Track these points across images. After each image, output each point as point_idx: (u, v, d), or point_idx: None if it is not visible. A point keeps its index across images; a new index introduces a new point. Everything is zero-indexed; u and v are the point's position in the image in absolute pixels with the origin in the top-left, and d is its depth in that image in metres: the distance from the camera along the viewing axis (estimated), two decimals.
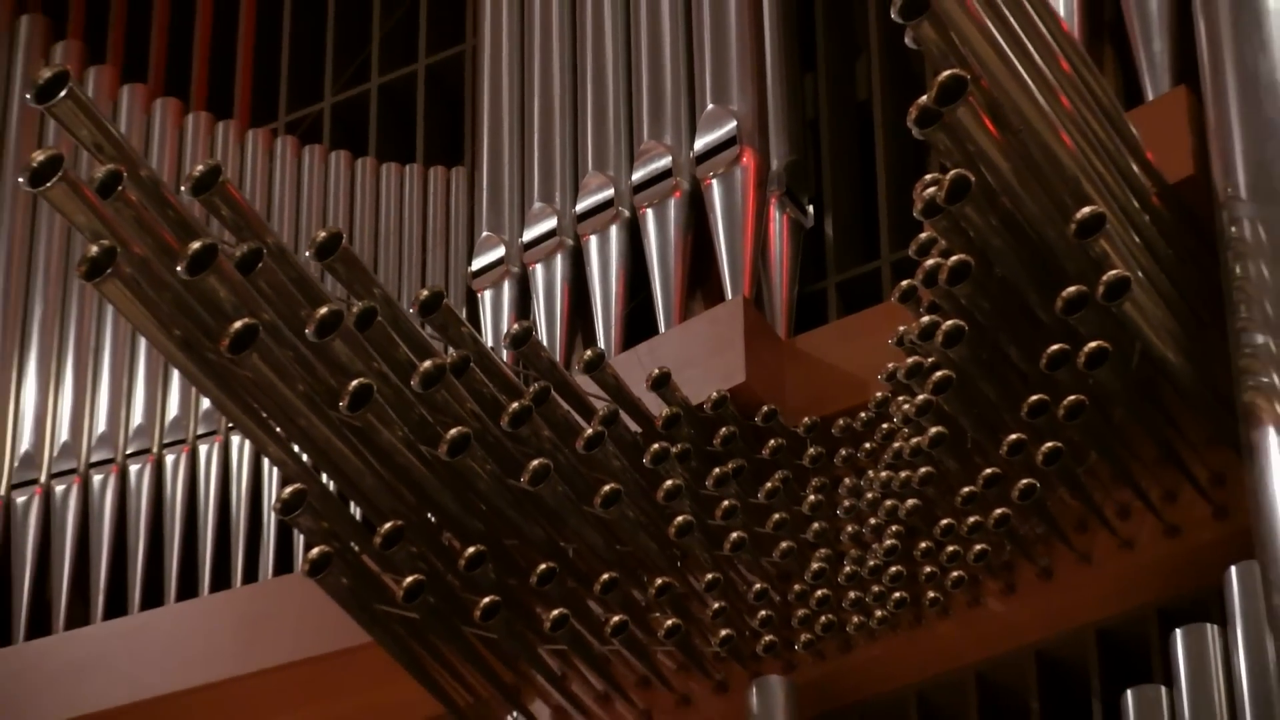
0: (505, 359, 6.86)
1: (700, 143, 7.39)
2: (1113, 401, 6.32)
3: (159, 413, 7.86)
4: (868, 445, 6.80)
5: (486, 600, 6.69)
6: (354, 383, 6.35)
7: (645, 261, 7.34)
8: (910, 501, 6.63)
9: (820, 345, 7.06)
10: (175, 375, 7.78)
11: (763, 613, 6.79)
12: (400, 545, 6.63)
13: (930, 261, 6.31)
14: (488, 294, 7.51)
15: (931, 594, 6.67)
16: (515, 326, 6.95)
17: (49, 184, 6.07)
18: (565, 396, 6.79)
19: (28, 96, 6.55)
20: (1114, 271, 6.01)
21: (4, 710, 7.56)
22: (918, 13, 5.78)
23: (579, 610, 6.80)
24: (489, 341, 7.19)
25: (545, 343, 7.24)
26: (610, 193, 7.47)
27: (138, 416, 7.89)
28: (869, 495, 6.76)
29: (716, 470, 6.81)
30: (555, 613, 6.74)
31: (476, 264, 7.60)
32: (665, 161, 7.42)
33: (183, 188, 6.41)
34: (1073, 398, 6.26)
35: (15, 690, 7.59)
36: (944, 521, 6.60)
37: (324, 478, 6.66)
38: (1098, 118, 6.25)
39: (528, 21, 7.91)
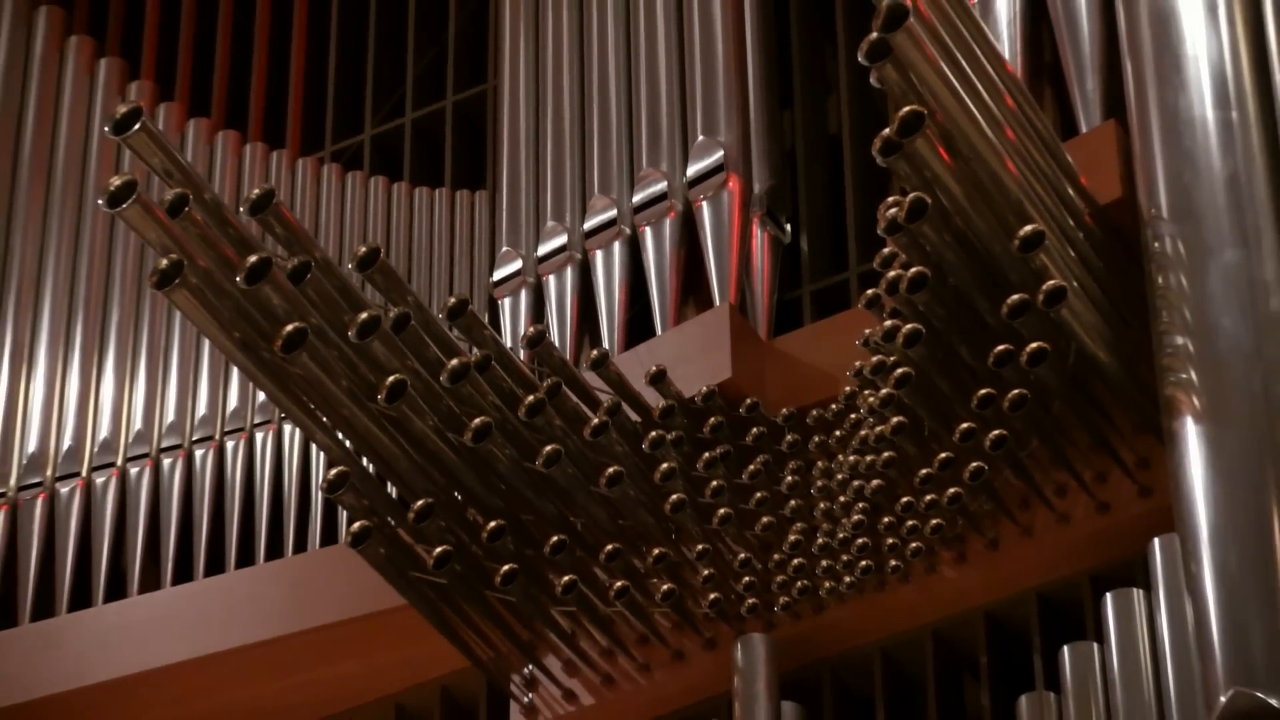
0: (522, 358, 6.86)
1: (692, 170, 7.40)
2: (1051, 395, 6.33)
3: (220, 405, 7.85)
4: (838, 433, 6.79)
5: (506, 568, 6.70)
6: (390, 378, 6.37)
7: (644, 273, 7.33)
8: (875, 482, 6.63)
9: (796, 346, 7.06)
10: (235, 372, 7.77)
11: (746, 579, 6.78)
12: (431, 520, 6.65)
13: (892, 273, 6.32)
14: (507, 301, 7.51)
15: (893, 562, 6.67)
16: (531, 329, 6.96)
17: (125, 205, 6.09)
18: (574, 390, 6.80)
19: (106, 129, 6.59)
20: (1052, 282, 6.03)
21: (88, 662, 7.56)
22: (881, 57, 5.80)
23: (586, 576, 6.80)
24: (508, 342, 7.19)
25: (557, 343, 7.24)
26: (613, 213, 7.46)
27: (202, 408, 7.87)
28: (839, 476, 6.76)
29: (706, 455, 6.81)
30: (565, 579, 6.76)
31: (497, 275, 7.59)
32: (661, 186, 7.42)
33: (241, 208, 6.41)
34: (1016, 391, 6.27)
35: (96, 644, 7.58)
36: (904, 499, 6.60)
37: (364, 461, 6.67)
38: (1038, 147, 6.27)
39: (541, 64, 7.89)
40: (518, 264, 7.57)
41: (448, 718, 7.44)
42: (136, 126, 6.16)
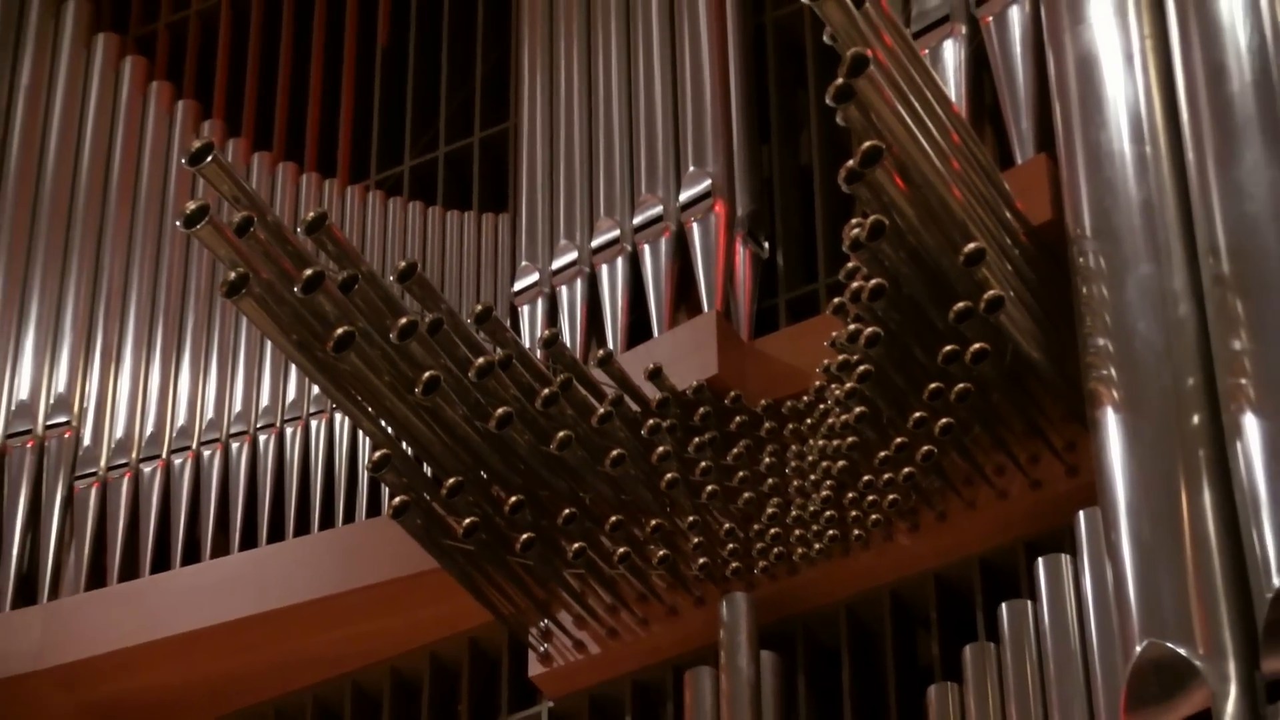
0: (539, 357, 6.85)
1: (684, 196, 7.39)
2: (991, 388, 6.34)
3: (280, 396, 7.85)
4: (809, 421, 6.79)
5: (524, 536, 6.72)
6: (426, 374, 6.38)
7: (643, 284, 7.33)
8: (840, 463, 6.63)
9: (773, 346, 7.05)
10: (293, 369, 7.75)
11: (730, 545, 6.79)
12: (460, 495, 6.65)
13: (855, 284, 6.34)
14: (526, 308, 7.51)
15: (856, 531, 6.67)
16: (546, 332, 6.95)
17: (199, 226, 6.11)
18: (583, 384, 6.80)
19: (183, 161, 6.59)
20: (992, 292, 6.04)
21: (167, 617, 7.55)
22: (846, 99, 5.81)
23: (593, 544, 6.80)
24: (527, 343, 7.19)
25: (568, 344, 7.22)
26: (616, 233, 7.46)
27: (264, 399, 7.86)
28: (809, 458, 6.76)
29: (696, 440, 6.82)
30: (575, 545, 6.77)
31: (517, 286, 7.59)
32: (658, 209, 7.42)
33: (298, 229, 6.43)
34: (961, 385, 6.28)
35: (174, 602, 7.58)
36: (865, 478, 6.61)
37: (403, 445, 6.68)
38: (979, 176, 6.27)
39: (555, 106, 7.89)
40: (535, 276, 7.57)
41: (475, 665, 7.42)
42: (209, 159, 6.19)
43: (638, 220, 7.44)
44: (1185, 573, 5.57)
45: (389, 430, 6.61)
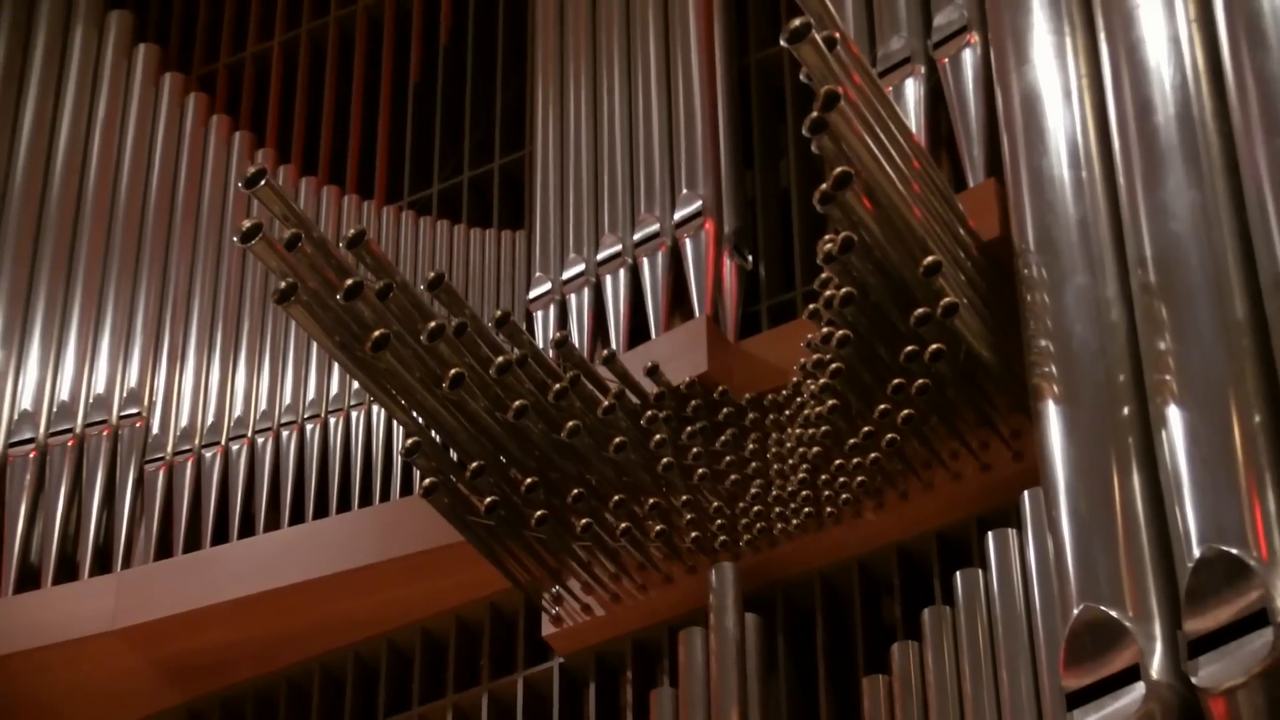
0: (551, 356, 6.86)
1: (678, 215, 7.39)
2: (947, 383, 6.33)
3: (325, 391, 7.85)
4: (787, 412, 6.78)
5: (538, 513, 6.72)
6: (452, 371, 6.39)
7: (642, 292, 7.32)
8: (815, 449, 6.62)
9: (756, 347, 7.04)
10: (335, 366, 7.75)
11: (719, 521, 6.78)
12: (482, 477, 6.66)
13: (828, 292, 6.33)
14: (539, 313, 7.50)
15: (829, 509, 6.66)
16: (557, 334, 6.97)
17: (253, 241, 6.12)
18: (590, 380, 6.80)
19: (240, 184, 6.60)
20: (948, 299, 6.04)
21: (226, 583, 7.55)
22: (820, 130, 5.81)
23: (599, 519, 6.80)
24: (540, 344, 7.19)
25: (577, 345, 7.23)
26: (619, 247, 7.46)
27: (310, 393, 7.86)
28: (788, 445, 6.75)
29: (688, 428, 6.82)
30: (583, 521, 6.77)
31: (532, 294, 7.59)
32: (655, 227, 7.42)
33: (340, 244, 6.44)
34: (921, 381, 6.28)
35: (232, 570, 7.58)
36: (837, 462, 6.60)
37: (432, 433, 6.69)
38: (937, 198, 6.27)
39: (565, 135, 7.89)
40: (548, 286, 7.57)
41: (495, 626, 7.42)
42: (262, 183, 6.21)
43: (637, 236, 7.43)
44: (1117, 545, 5.58)
45: (419, 420, 6.61)
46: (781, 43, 5.78)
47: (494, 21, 8.79)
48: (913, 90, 6.93)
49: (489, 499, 6.71)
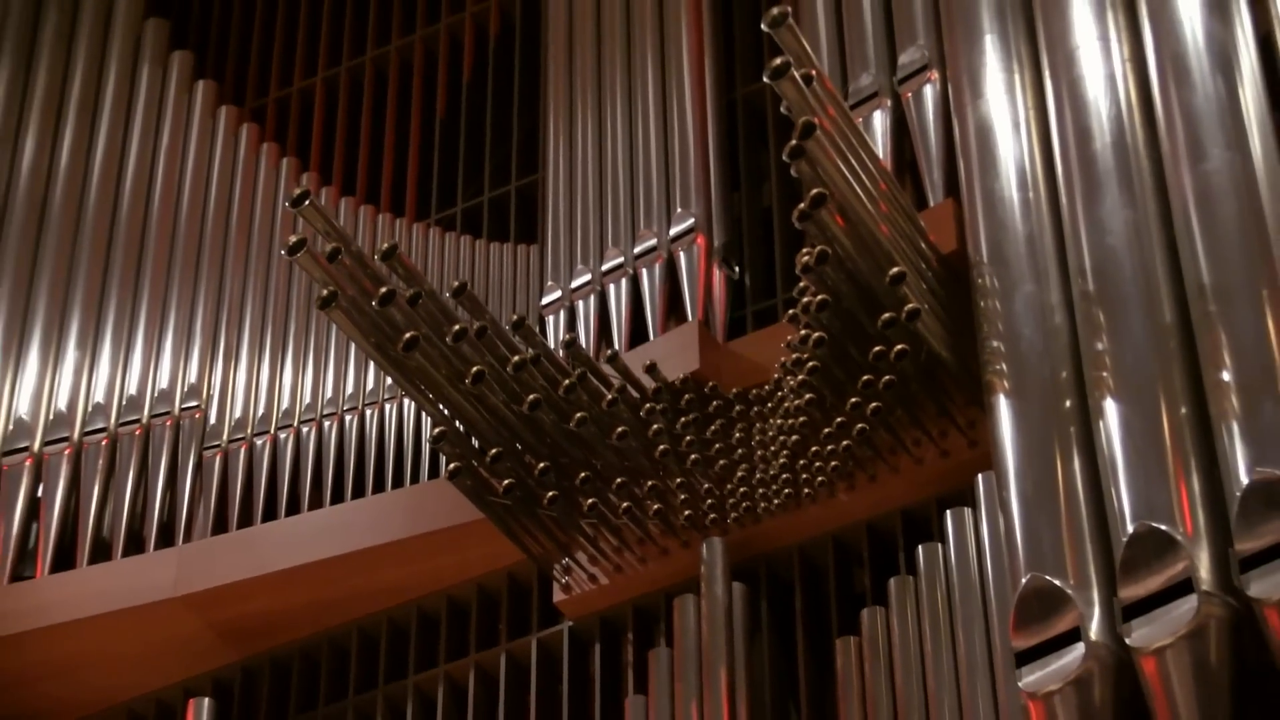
0: (561, 355, 6.86)
1: (673, 230, 7.37)
2: (911, 379, 6.33)
3: (362, 385, 7.84)
4: (769, 404, 6.78)
5: (550, 494, 6.72)
6: (473, 368, 6.39)
7: (641, 299, 7.31)
8: (794, 437, 6.62)
9: (742, 347, 7.03)
10: (370, 364, 7.75)
11: (709, 501, 6.78)
12: (501, 462, 6.65)
13: (805, 299, 6.33)
14: (551, 318, 7.50)
15: (806, 490, 6.66)
16: (566, 337, 6.99)
17: (298, 254, 6.13)
18: (596, 377, 6.79)
19: (287, 204, 6.61)
20: (911, 305, 6.04)
21: (274, 556, 7.54)
22: (798, 156, 5.82)
23: (603, 500, 6.80)
24: (552, 345, 7.18)
25: (584, 345, 7.23)
26: (621, 259, 7.45)
27: (349, 387, 7.85)
28: (770, 433, 6.74)
29: (682, 419, 6.81)
30: (589, 501, 6.77)
31: (544, 301, 7.57)
32: (653, 241, 7.41)
33: (376, 256, 6.44)
34: (888, 377, 6.28)
35: (280, 545, 7.56)
36: (813, 448, 6.60)
37: (456, 423, 6.69)
38: (901, 216, 6.27)
39: (573, 161, 7.87)
40: (558, 293, 7.56)
41: (511, 594, 7.41)
42: (307, 203, 6.21)
43: (637, 250, 7.42)
44: (1059, 521, 5.58)
45: (445, 412, 6.61)
46: (765, 79, 5.80)
47: (510, 62, 8.78)
48: (880, 121, 6.93)
49: (506, 481, 6.71)
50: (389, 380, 7.59)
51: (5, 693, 7.84)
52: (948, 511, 6.21)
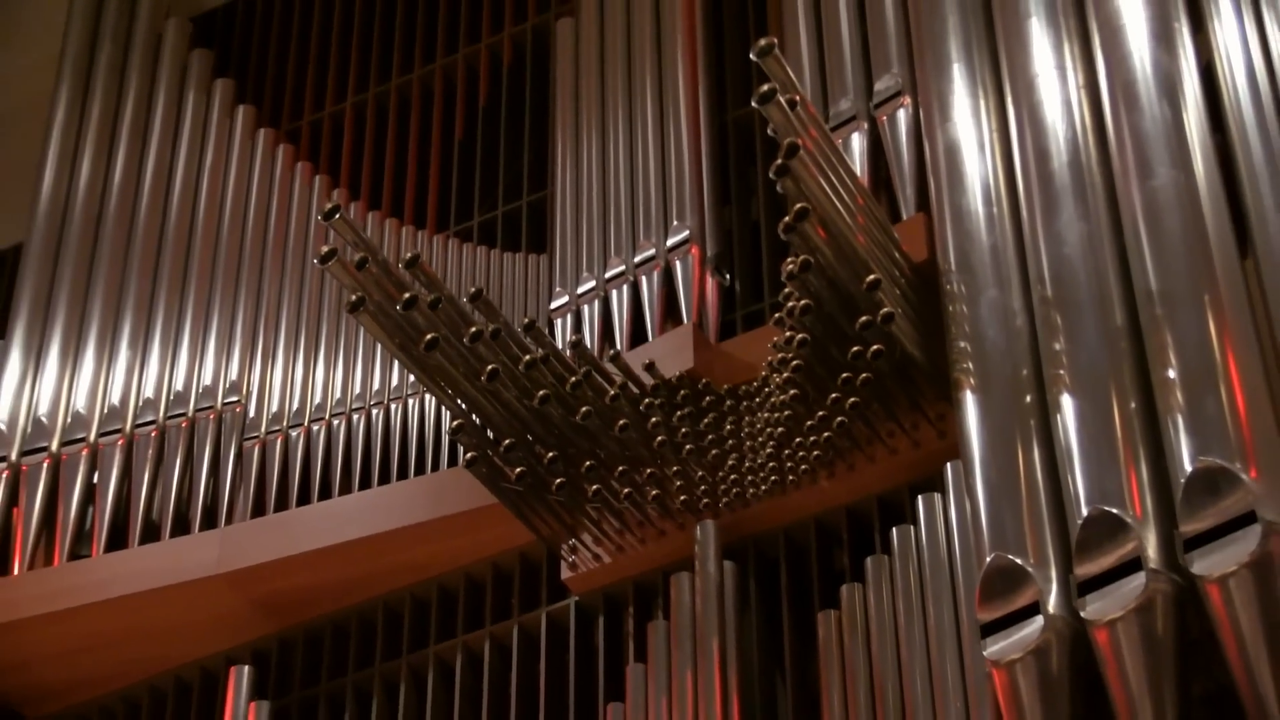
0: (568, 355, 6.85)
1: (670, 241, 7.36)
2: (885, 377, 6.32)
3: (387, 382, 7.83)
4: (757, 400, 6.77)
5: (558, 480, 6.72)
6: (489, 366, 6.39)
7: (641, 303, 7.30)
8: (780, 429, 6.61)
9: (733, 347, 7.03)
10: (395, 363, 7.74)
11: (702, 487, 6.77)
12: (513, 452, 6.65)
13: (790, 304, 6.33)
14: (559, 321, 7.48)
15: (791, 477, 6.65)
16: (573, 338, 6.98)
17: (330, 263, 6.13)
18: (599, 374, 6.79)
19: (319, 217, 6.61)
20: (886, 309, 6.04)
21: (309, 536, 7.53)
22: (784, 174, 5.82)
23: (607, 486, 6.79)
24: (559, 345, 7.18)
25: (589, 345, 7.22)
26: (623, 267, 7.44)
27: (376, 384, 7.84)
28: (758, 426, 6.74)
29: (678, 413, 6.80)
30: (593, 487, 6.77)
31: (553, 305, 7.55)
32: (651, 251, 7.39)
33: (400, 265, 6.44)
34: (865, 374, 6.28)
35: (314, 526, 7.55)
36: (797, 439, 6.59)
37: (473, 417, 6.69)
38: (877, 228, 6.27)
39: (580, 177, 7.86)
40: (565, 298, 7.55)
41: (523, 571, 7.40)
42: (337, 216, 6.20)
43: (637, 259, 7.42)
44: (1020, 505, 5.59)
45: (463, 406, 6.61)
46: (753, 104, 5.79)
47: (522, 88, 8.78)
48: (858, 142, 6.93)
49: (518, 469, 6.70)
50: (411, 377, 7.58)
51: (65, 660, 7.85)
52: (919, 497, 6.20)
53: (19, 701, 8.04)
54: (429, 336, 6.25)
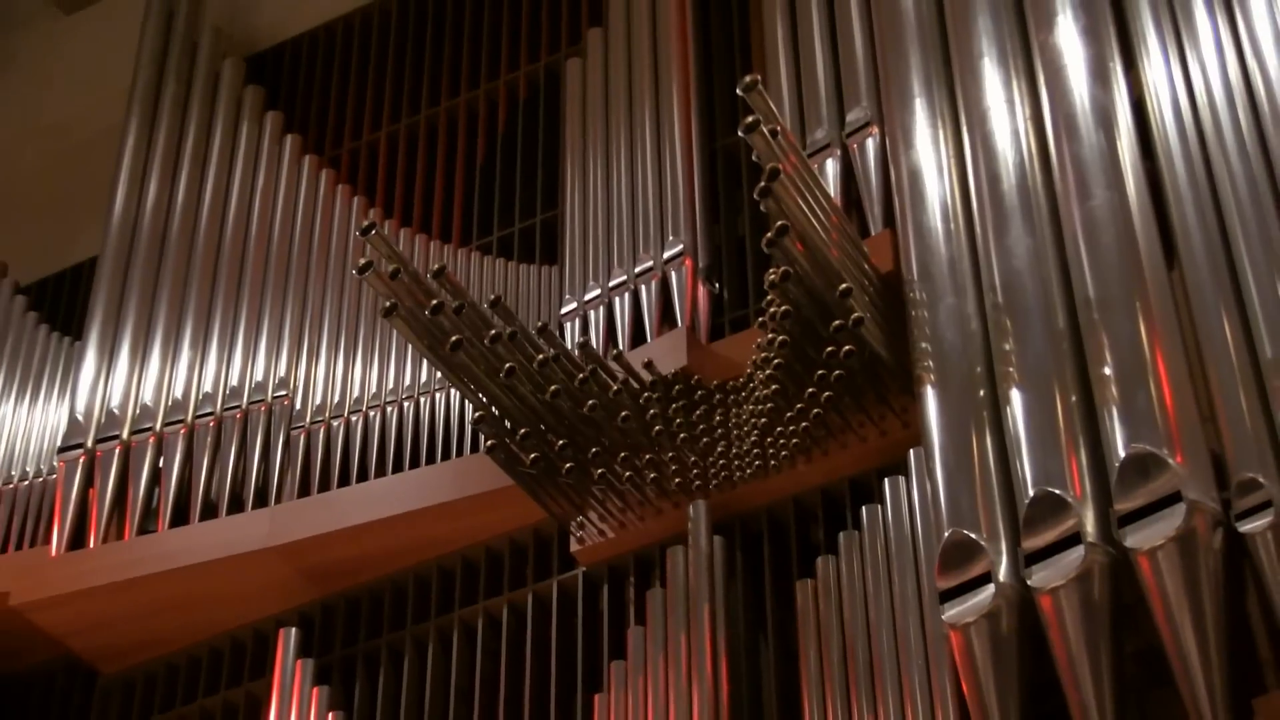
0: (577, 355, 6.85)
1: (666, 254, 7.33)
2: (856, 374, 6.32)
3: (417, 378, 7.82)
4: (743, 394, 6.76)
5: (567, 465, 6.72)
6: (506, 365, 6.39)
7: (640, 309, 7.28)
8: (763, 420, 6.61)
9: (722, 348, 7.01)
10: (424, 362, 7.72)
11: (695, 470, 6.76)
12: (528, 440, 6.65)
13: (772, 309, 6.33)
14: (568, 324, 7.47)
15: (772, 462, 6.64)
16: (581, 339, 6.97)
17: (366, 274, 6.13)
18: (604, 371, 6.79)
19: (357, 234, 6.60)
20: (856, 314, 6.05)
21: (350, 513, 7.51)
22: (767, 195, 5.83)
23: (610, 470, 6.79)
24: (569, 346, 7.16)
25: (595, 346, 7.21)
26: (625, 277, 7.42)
27: (407, 380, 7.83)
28: (743, 417, 6.73)
29: (673, 406, 6.80)
30: (599, 471, 6.76)
31: (563, 310, 7.53)
32: (650, 263, 7.37)
33: (428, 275, 6.44)
34: (838, 371, 6.28)
35: (354, 505, 7.52)
36: (778, 429, 6.59)
37: (493, 409, 6.68)
38: (849, 242, 6.27)
39: (587, 197, 7.86)
40: (574, 305, 7.52)
41: (536, 545, 7.38)
42: (373, 232, 6.19)
43: (638, 269, 7.39)
44: (975, 487, 5.60)
45: (484, 399, 6.61)
46: (739, 133, 5.80)
47: (535, 119, 8.77)
48: (831, 167, 6.92)
49: (533, 455, 6.70)
50: (438, 374, 7.56)
51: (134, 622, 7.85)
52: (885, 479, 6.20)
53: (94, 659, 8.05)
54: (454, 338, 6.25)
